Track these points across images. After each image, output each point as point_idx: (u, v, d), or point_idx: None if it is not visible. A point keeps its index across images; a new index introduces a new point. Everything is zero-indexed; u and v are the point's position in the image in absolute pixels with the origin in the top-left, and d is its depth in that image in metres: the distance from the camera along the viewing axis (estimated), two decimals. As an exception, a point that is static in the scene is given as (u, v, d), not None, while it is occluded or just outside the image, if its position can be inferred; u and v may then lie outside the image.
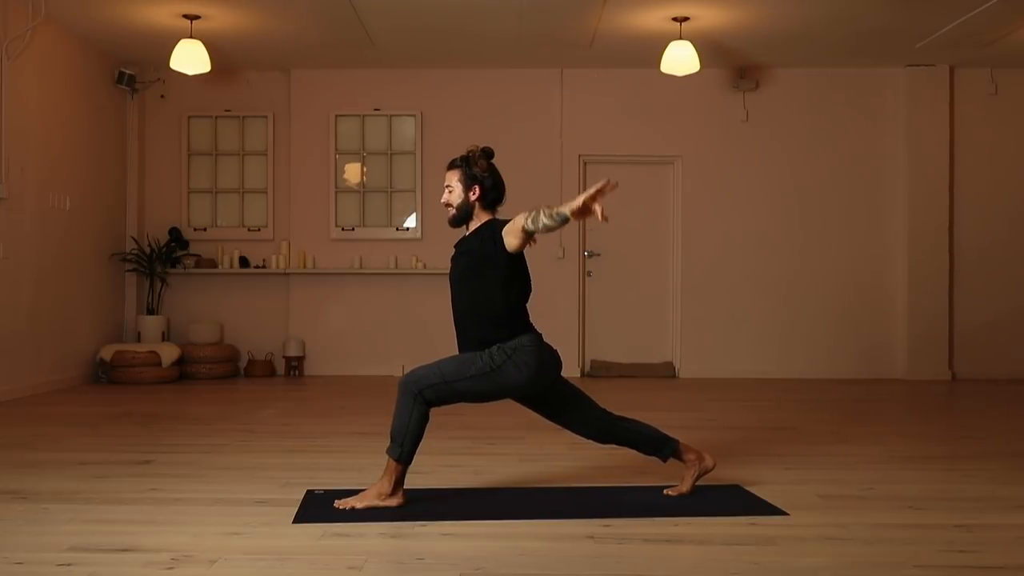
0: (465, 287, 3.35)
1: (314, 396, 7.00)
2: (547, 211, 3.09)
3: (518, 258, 3.29)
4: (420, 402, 3.24)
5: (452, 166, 3.41)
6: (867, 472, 3.96)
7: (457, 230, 3.46)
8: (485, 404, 3.44)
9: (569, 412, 3.46)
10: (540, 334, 3.36)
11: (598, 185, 3.01)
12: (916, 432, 5.34)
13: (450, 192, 3.39)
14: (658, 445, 3.49)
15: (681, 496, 3.44)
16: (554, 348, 3.39)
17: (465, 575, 2.54)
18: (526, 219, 3.13)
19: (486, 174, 3.35)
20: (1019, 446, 4.76)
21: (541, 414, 3.51)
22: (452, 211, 3.39)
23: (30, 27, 6.58)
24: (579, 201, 2.99)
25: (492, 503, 3.40)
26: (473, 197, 3.35)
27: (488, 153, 3.40)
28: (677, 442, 3.49)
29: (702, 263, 8.44)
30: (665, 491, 3.50)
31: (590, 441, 3.56)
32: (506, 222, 3.29)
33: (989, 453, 4.48)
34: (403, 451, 3.26)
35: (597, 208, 2.99)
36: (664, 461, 3.54)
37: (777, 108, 8.46)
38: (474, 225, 3.39)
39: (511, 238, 3.22)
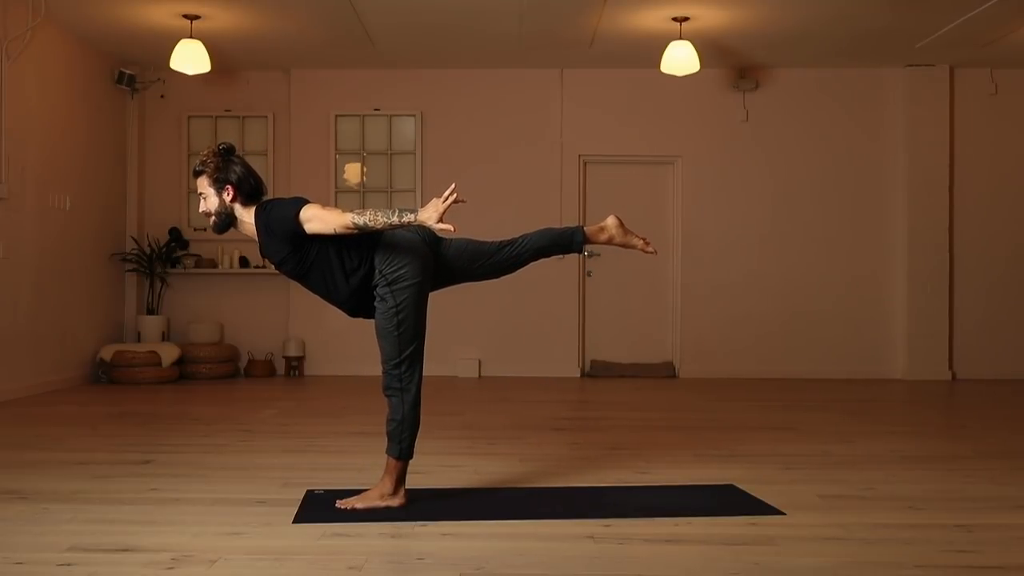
0: (319, 277, 3.22)
1: (314, 396, 7.00)
2: (392, 211, 2.99)
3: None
4: (405, 390, 3.22)
5: (196, 174, 3.24)
6: (867, 472, 3.96)
7: None
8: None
9: (477, 268, 3.40)
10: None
11: (448, 194, 2.97)
12: (916, 432, 5.33)
13: (205, 200, 3.23)
14: (566, 241, 3.42)
15: None
16: (415, 230, 3.22)
17: (465, 575, 2.54)
18: (357, 217, 3.00)
19: (231, 172, 3.18)
20: (1019, 446, 4.77)
21: (458, 283, 3.47)
22: (213, 219, 3.24)
23: (30, 27, 6.58)
24: (432, 215, 2.94)
25: (492, 503, 3.40)
26: (228, 198, 3.21)
27: (226, 150, 3.22)
28: (581, 228, 3.45)
29: (702, 263, 8.44)
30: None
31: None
32: (277, 202, 3.20)
33: (989, 453, 4.48)
34: (402, 447, 3.26)
35: (448, 226, 2.94)
36: (582, 252, 3.45)
37: (777, 108, 8.46)
38: (248, 225, 3.25)
39: (316, 225, 3.05)
